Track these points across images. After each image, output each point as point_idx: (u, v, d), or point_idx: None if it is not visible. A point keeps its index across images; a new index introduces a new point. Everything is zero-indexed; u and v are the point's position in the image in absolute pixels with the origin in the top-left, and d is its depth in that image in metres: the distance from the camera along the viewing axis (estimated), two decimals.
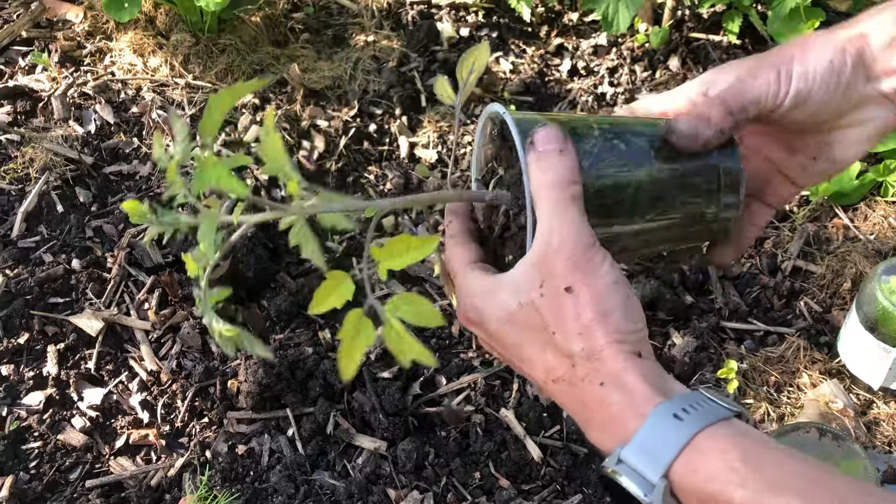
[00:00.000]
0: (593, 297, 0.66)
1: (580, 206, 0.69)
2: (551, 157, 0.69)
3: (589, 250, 0.67)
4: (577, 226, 0.67)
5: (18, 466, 1.45)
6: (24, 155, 1.87)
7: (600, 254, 0.67)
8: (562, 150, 0.69)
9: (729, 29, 2.12)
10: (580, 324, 0.65)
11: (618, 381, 0.64)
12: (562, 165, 0.69)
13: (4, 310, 1.61)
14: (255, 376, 1.50)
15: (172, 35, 2.15)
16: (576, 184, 0.69)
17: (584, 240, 0.67)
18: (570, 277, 0.66)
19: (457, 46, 2.26)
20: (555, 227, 0.67)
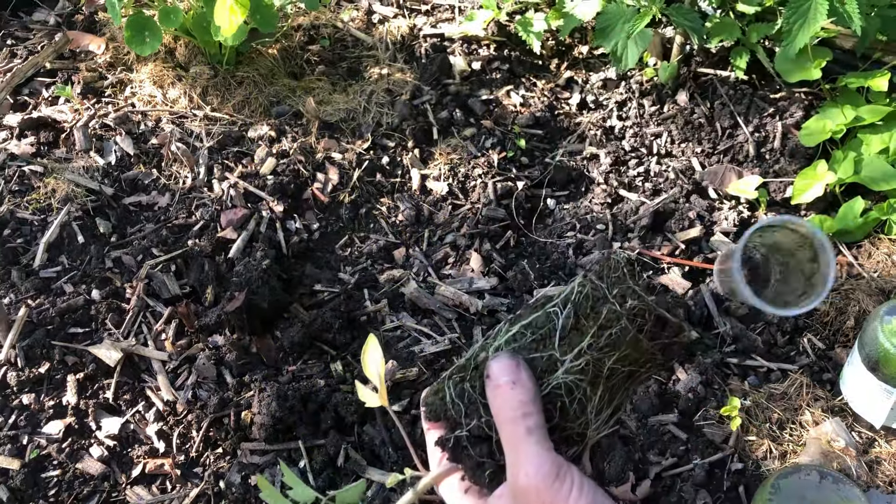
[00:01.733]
0: None
1: (539, 436, 0.68)
2: (503, 390, 0.70)
3: (554, 484, 0.66)
4: (537, 459, 0.67)
5: (38, 495, 1.49)
6: (46, 185, 1.93)
7: (567, 481, 0.67)
8: (514, 382, 0.70)
9: (737, 65, 2.16)
10: None
11: None
12: (513, 398, 0.70)
13: (26, 339, 1.65)
14: (269, 408, 1.53)
15: (191, 67, 2.20)
16: (530, 415, 0.69)
17: (546, 473, 0.67)
18: None
19: (468, 79, 2.31)
20: (520, 462, 0.68)
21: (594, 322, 0.75)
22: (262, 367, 1.66)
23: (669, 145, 2.15)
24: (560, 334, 0.77)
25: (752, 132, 2.11)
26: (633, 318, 0.74)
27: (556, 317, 0.78)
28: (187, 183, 1.99)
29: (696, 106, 2.20)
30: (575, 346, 0.75)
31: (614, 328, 0.74)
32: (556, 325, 0.77)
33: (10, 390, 1.61)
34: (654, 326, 0.76)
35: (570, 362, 0.75)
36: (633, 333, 0.74)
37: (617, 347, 0.74)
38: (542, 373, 0.75)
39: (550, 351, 0.76)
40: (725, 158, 2.09)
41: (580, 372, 0.75)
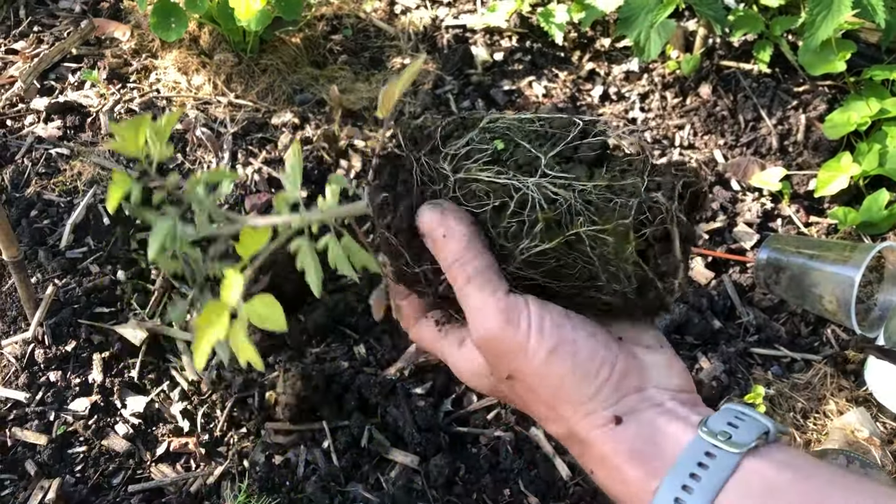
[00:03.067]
0: (536, 376, 0.60)
1: (480, 281, 0.61)
2: (438, 244, 0.63)
3: (506, 331, 0.59)
4: (482, 308, 0.60)
5: (65, 470, 1.50)
6: (72, 168, 1.94)
7: (522, 325, 0.59)
8: (445, 234, 0.63)
9: (760, 58, 2.16)
10: (544, 406, 0.61)
11: (606, 468, 0.59)
12: (449, 250, 0.63)
13: (53, 318, 1.66)
14: (293, 388, 1.54)
15: (215, 54, 2.21)
16: (467, 262, 0.62)
17: (495, 323, 0.60)
18: (505, 366, 0.61)
19: (491, 70, 2.32)
20: (471, 315, 0.62)
21: (604, 177, 0.61)
22: (285, 349, 1.67)
23: (692, 137, 2.14)
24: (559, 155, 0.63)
25: (776, 125, 2.10)
26: (642, 208, 0.59)
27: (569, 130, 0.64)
28: (211, 167, 2.00)
29: (719, 98, 2.20)
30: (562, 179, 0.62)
31: (619, 199, 0.60)
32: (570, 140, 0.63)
33: (38, 367, 1.62)
34: (655, 242, 0.60)
35: (549, 163, 0.62)
36: (629, 222, 0.59)
37: (603, 219, 0.60)
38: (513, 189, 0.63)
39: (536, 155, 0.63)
40: (748, 151, 2.09)
41: (563, 179, 0.62)
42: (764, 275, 1.77)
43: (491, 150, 0.64)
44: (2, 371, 1.62)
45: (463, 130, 0.67)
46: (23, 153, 1.97)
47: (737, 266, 1.86)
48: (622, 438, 0.58)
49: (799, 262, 1.71)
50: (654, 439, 0.57)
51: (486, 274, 0.62)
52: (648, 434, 0.57)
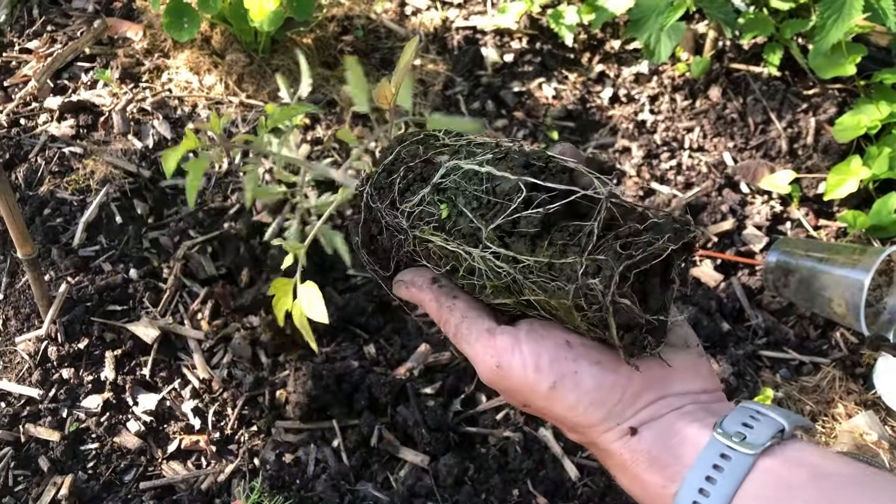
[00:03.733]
0: (547, 406, 0.61)
1: (465, 330, 0.63)
2: (426, 308, 0.68)
3: (501, 373, 0.61)
4: (478, 357, 0.62)
5: (77, 466, 1.51)
6: (85, 167, 1.95)
7: (517, 365, 0.60)
8: (420, 303, 0.68)
9: (770, 61, 2.16)
10: (563, 424, 0.62)
11: (626, 475, 0.60)
12: (433, 314, 0.67)
13: (66, 315, 1.68)
14: (304, 387, 1.55)
15: (227, 54, 2.23)
16: (447, 321, 0.65)
17: (490, 369, 0.61)
18: (515, 399, 0.63)
19: (500, 71, 2.32)
20: (471, 360, 0.64)
21: (545, 254, 0.59)
22: (296, 348, 1.68)
23: (702, 140, 2.15)
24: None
25: (785, 128, 2.11)
26: (578, 294, 0.57)
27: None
28: (223, 167, 2.01)
29: (729, 101, 2.20)
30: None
31: (557, 283, 0.58)
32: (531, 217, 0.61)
33: (51, 364, 1.63)
34: (594, 326, 0.59)
35: (491, 236, 0.61)
36: (569, 304, 0.58)
37: (547, 296, 0.60)
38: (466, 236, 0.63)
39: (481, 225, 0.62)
40: (758, 154, 2.09)
41: (505, 254, 0.61)
42: (773, 277, 1.78)
43: (437, 216, 0.64)
44: (15, 368, 1.64)
45: (420, 183, 0.67)
46: (36, 152, 1.98)
47: (746, 269, 1.86)
48: (639, 448, 0.59)
49: (808, 266, 1.71)
50: (671, 444, 0.58)
51: (467, 321, 0.63)
52: (665, 440, 0.58)
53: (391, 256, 0.71)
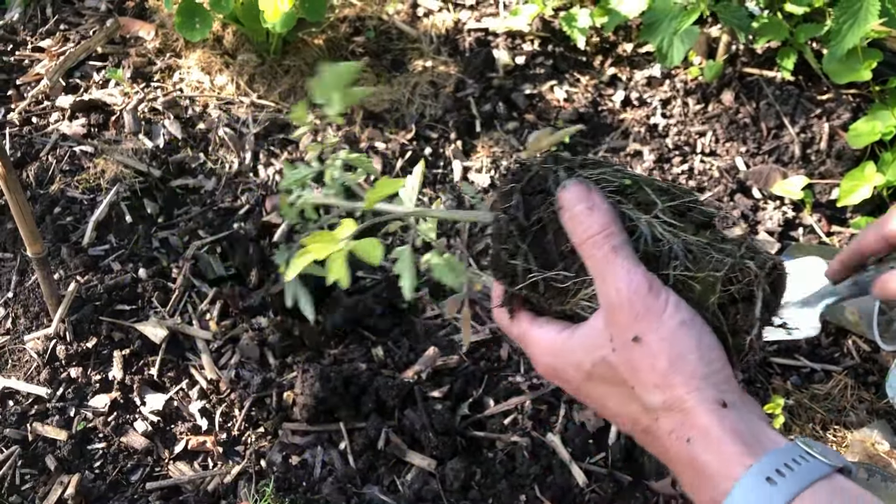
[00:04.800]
0: (662, 343, 0.64)
1: (625, 253, 0.66)
2: (581, 217, 0.68)
3: (647, 296, 0.64)
4: (627, 274, 0.65)
5: (84, 466, 1.51)
6: (96, 166, 1.96)
7: (662, 296, 0.65)
8: (590, 207, 0.68)
9: (783, 65, 2.14)
10: (656, 374, 0.64)
11: (705, 439, 0.61)
12: (594, 222, 0.67)
13: (75, 314, 1.68)
14: (311, 389, 1.55)
15: (239, 55, 2.23)
16: (614, 235, 0.67)
17: (639, 287, 0.65)
18: (636, 327, 0.65)
19: (512, 74, 2.32)
20: (609, 281, 0.66)
21: (707, 237, 0.68)
22: (304, 350, 1.68)
23: (714, 144, 2.13)
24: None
25: (798, 133, 2.09)
26: (734, 269, 0.65)
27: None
28: (233, 167, 2.01)
29: (742, 106, 2.18)
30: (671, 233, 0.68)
31: (716, 255, 0.66)
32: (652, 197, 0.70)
33: (59, 363, 1.63)
34: (738, 300, 0.66)
35: (664, 209, 0.69)
36: (720, 275, 0.65)
37: (697, 268, 0.66)
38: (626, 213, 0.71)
39: (644, 194, 0.71)
40: (770, 159, 2.08)
41: (671, 226, 0.68)
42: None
43: (618, 184, 0.72)
44: (24, 366, 1.64)
45: (597, 166, 0.74)
46: (47, 150, 1.99)
47: None
48: (726, 418, 0.61)
49: None
50: (754, 431, 0.61)
51: (629, 248, 0.67)
52: (749, 426, 0.62)
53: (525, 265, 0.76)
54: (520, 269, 0.75)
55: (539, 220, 0.74)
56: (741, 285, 0.65)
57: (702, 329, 0.65)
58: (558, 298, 0.74)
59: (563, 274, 0.72)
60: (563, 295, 0.73)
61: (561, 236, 0.73)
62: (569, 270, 0.72)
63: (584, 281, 0.71)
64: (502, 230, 0.76)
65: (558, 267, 0.73)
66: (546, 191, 0.74)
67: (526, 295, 0.77)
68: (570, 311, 0.74)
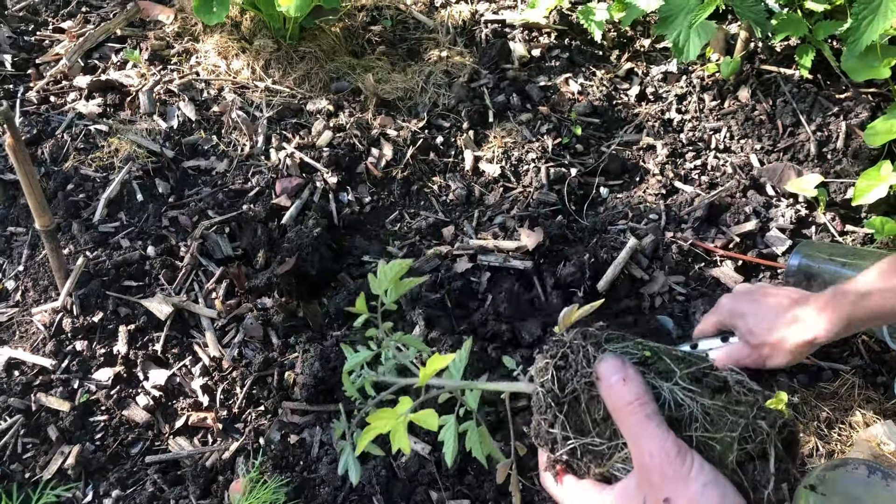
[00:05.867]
0: (690, 503, 0.71)
1: (657, 420, 0.75)
2: (617, 387, 0.77)
3: (675, 459, 0.72)
4: (659, 440, 0.73)
5: (85, 437, 1.53)
6: (110, 145, 1.98)
7: (688, 459, 0.73)
8: (624, 378, 0.77)
9: (801, 63, 2.12)
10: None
11: None
12: (628, 392, 0.76)
13: (83, 289, 1.70)
14: (312, 368, 1.55)
15: (255, 40, 2.24)
16: (646, 403, 0.76)
17: (668, 451, 0.73)
18: (666, 489, 0.72)
19: (527, 66, 2.31)
20: (642, 445, 0.74)
21: (723, 400, 0.76)
22: (307, 331, 1.68)
23: (728, 140, 2.11)
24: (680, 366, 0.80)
25: (815, 131, 2.06)
26: (748, 429, 0.74)
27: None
28: (245, 150, 2.02)
29: (758, 103, 2.16)
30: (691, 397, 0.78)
31: (731, 417, 0.75)
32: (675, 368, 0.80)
33: (65, 336, 1.65)
34: (754, 458, 0.74)
35: (683, 376, 0.78)
36: (736, 435, 0.74)
37: (714, 429, 0.75)
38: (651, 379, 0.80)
39: (665, 364, 0.80)
40: (785, 156, 2.05)
41: (690, 391, 0.77)
42: (794, 281, 1.74)
43: (640, 356, 0.82)
44: (30, 338, 1.66)
45: (620, 339, 0.85)
46: (63, 128, 2.01)
47: (767, 271, 1.83)
48: None
49: (831, 270, 1.67)
50: None
51: (660, 416, 0.76)
52: None
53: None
54: (559, 437, 0.85)
55: (573, 391, 0.83)
56: (755, 444, 0.73)
57: (724, 488, 0.72)
58: (595, 461, 0.83)
59: (598, 439, 0.82)
60: (600, 458, 0.82)
61: (593, 405, 0.82)
62: (602, 436, 0.82)
63: (618, 445, 0.80)
64: (541, 402, 0.86)
65: (593, 433, 0.82)
66: (577, 364, 0.84)
67: (566, 460, 0.86)
68: (607, 472, 0.83)
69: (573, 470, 0.87)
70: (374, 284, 1.14)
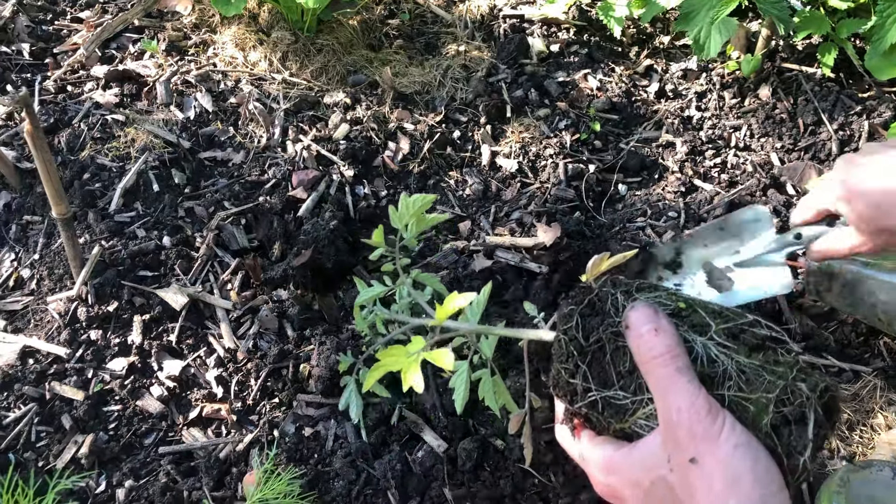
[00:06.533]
0: (719, 464, 0.66)
1: (689, 375, 0.70)
2: (647, 337, 0.72)
3: (706, 418, 0.68)
4: (689, 396, 0.69)
5: (99, 426, 1.52)
6: (126, 135, 1.97)
7: (720, 418, 0.68)
8: (656, 329, 0.72)
9: (824, 61, 2.09)
10: (713, 495, 0.66)
11: None
12: (660, 343, 0.71)
13: (98, 278, 1.69)
14: (327, 362, 1.54)
15: (273, 32, 2.23)
16: (678, 356, 0.71)
17: (699, 408, 0.68)
18: (693, 448, 0.68)
19: (546, 61, 2.29)
20: (670, 401, 0.69)
21: (760, 359, 0.72)
22: (322, 324, 1.67)
23: (748, 139, 2.09)
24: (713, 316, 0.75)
25: (837, 130, 2.04)
26: (786, 390, 0.70)
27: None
28: (262, 142, 2.01)
29: (779, 101, 2.14)
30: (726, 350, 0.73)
31: (768, 377, 0.70)
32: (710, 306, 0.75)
33: (80, 325, 1.64)
34: (790, 422, 0.69)
35: (718, 331, 0.73)
36: (772, 396, 0.69)
37: (750, 389, 0.71)
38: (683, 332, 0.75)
39: (699, 316, 0.75)
40: (806, 155, 2.03)
41: (725, 347, 0.72)
42: (814, 281, 1.72)
43: (673, 307, 0.77)
44: (45, 326, 1.65)
45: (653, 289, 0.80)
46: (80, 118, 2.00)
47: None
48: None
49: (853, 270, 1.65)
50: None
51: (691, 371, 0.71)
52: None
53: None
54: (579, 389, 0.80)
55: (598, 340, 0.78)
56: (793, 407, 0.69)
57: (757, 452, 0.67)
58: (617, 417, 0.78)
59: (621, 393, 0.77)
60: (622, 413, 0.77)
61: (618, 357, 0.77)
62: (627, 390, 0.77)
63: (643, 400, 0.75)
64: (562, 350, 0.81)
65: (616, 386, 0.77)
66: (605, 313, 0.79)
67: (586, 413, 0.81)
68: (629, 429, 0.78)
69: (592, 424, 0.81)
70: (395, 217, 1.10)
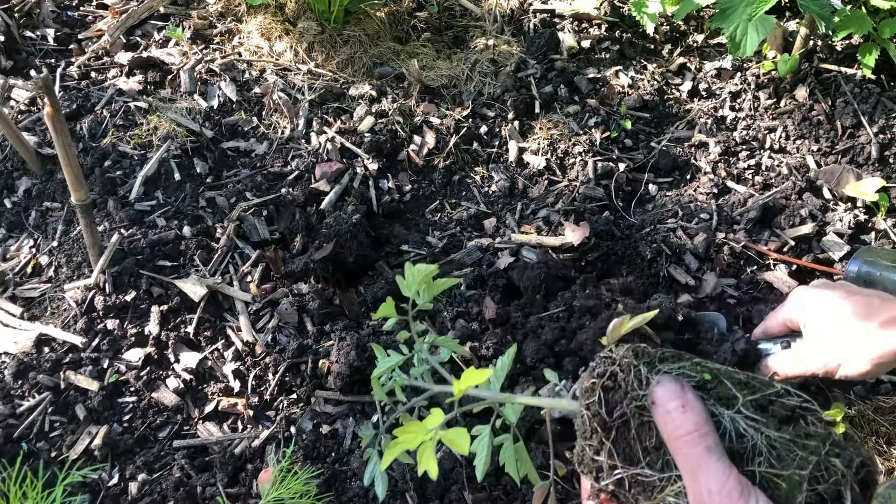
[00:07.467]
0: None
1: (718, 454, 0.68)
2: (674, 414, 0.70)
3: (738, 500, 0.66)
4: (721, 476, 0.67)
5: (113, 418, 1.49)
6: (149, 122, 1.94)
7: (752, 499, 0.66)
8: (684, 405, 0.70)
9: (864, 62, 2.03)
10: None
11: None
12: (688, 420, 0.69)
13: (116, 267, 1.66)
14: (347, 358, 1.50)
15: (299, 22, 2.20)
16: (707, 434, 0.69)
17: (731, 490, 0.66)
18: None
19: (576, 57, 2.24)
20: (700, 482, 0.67)
21: (790, 432, 0.69)
22: (343, 319, 1.63)
23: (784, 140, 2.03)
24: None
25: (877, 133, 1.97)
26: (820, 467, 0.66)
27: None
28: (286, 133, 1.98)
29: (816, 102, 2.07)
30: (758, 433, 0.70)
31: (800, 453, 0.67)
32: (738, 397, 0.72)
33: (96, 314, 1.62)
34: (825, 500, 0.66)
35: (746, 403, 0.70)
36: (805, 474, 0.66)
37: (781, 465, 0.67)
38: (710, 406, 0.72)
39: (726, 388, 0.72)
40: (844, 159, 1.97)
41: (754, 421, 0.69)
42: None
43: (698, 378, 0.74)
44: (62, 314, 1.63)
45: (677, 359, 0.77)
46: (103, 104, 1.98)
47: (822, 277, 1.74)
48: None
49: (894, 279, 1.59)
50: None
51: (721, 450, 0.68)
52: None
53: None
54: (605, 465, 0.77)
55: (622, 415, 0.76)
56: (828, 485, 0.65)
57: None
58: (645, 494, 0.76)
59: (648, 470, 0.74)
60: (650, 490, 0.74)
61: (644, 432, 0.74)
62: (654, 466, 0.74)
63: (671, 477, 0.72)
64: (586, 426, 0.78)
65: (643, 462, 0.74)
66: (628, 385, 0.76)
67: (612, 491, 0.78)
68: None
69: (619, 501, 0.79)
70: (403, 286, 1.09)
